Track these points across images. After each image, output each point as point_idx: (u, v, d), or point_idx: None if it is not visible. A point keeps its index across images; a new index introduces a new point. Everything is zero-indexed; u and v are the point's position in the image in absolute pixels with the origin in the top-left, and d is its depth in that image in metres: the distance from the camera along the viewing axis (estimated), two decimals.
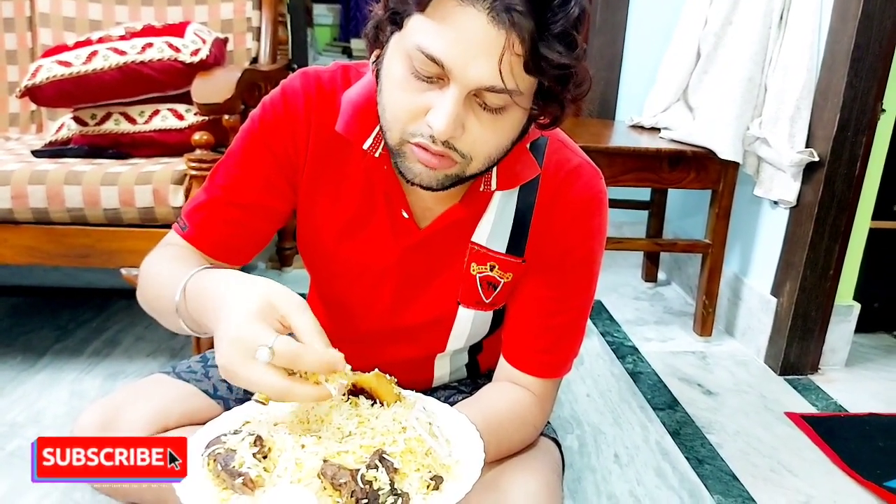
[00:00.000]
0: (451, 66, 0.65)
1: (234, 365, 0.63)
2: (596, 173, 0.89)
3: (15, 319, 1.76)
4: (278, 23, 1.97)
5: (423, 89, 0.68)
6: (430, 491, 0.64)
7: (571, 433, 1.42)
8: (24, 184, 1.34)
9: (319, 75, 0.86)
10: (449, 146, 0.70)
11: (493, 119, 0.70)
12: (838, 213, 1.62)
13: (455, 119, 0.67)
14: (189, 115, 1.55)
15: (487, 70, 0.65)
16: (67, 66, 1.48)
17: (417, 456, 0.66)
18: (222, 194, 0.88)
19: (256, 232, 0.91)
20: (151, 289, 0.85)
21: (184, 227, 0.89)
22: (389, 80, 0.71)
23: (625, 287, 2.29)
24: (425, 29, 0.66)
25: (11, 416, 1.34)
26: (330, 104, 0.84)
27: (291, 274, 2.22)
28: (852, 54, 1.50)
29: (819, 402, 1.61)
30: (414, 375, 1.03)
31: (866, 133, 1.57)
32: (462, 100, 0.67)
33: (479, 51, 0.64)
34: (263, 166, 0.87)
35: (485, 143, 0.72)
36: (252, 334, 0.63)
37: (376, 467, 0.62)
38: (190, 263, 0.82)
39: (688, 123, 1.88)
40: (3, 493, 1.12)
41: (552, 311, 0.90)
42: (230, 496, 0.64)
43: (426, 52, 0.65)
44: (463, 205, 0.85)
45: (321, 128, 0.85)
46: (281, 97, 0.86)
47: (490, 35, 0.63)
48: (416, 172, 0.73)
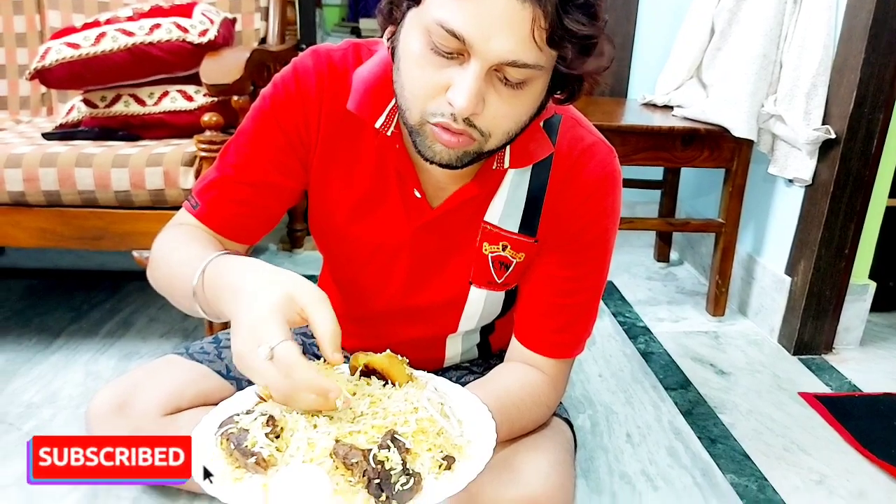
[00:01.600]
0: (472, 40, 0.64)
1: (245, 354, 0.64)
2: (610, 151, 0.88)
3: (29, 301, 1.78)
4: (286, 3, 1.96)
5: (443, 65, 0.67)
6: (442, 471, 0.65)
7: (584, 413, 1.42)
8: (35, 166, 1.34)
9: (331, 53, 0.85)
10: (469, 123, 0.69)
11: (513, 94, 0.69)
12: (854, 192, 1.60)
13: (476, 95, 0.66)
14: (198, 97, 1.54)
15: (510, 44, 0.64)
16: (76, 48, 1.48)
17: (429, 436, 0.66)
18: (233, 173, 0.87)
19: (267, 211, 0.91)
20: (165, 270, 0.85)
21: (195, 205, 0.89)
22: (407, 56, 0.70)
23: (637, 267, 2.28)
24: (444, 3, 0.64)
25: (28, 396, 1.36)
26: (342, 82, 0.84)
27: (302, 256, 2.22)
28: (870, 29, 1.47)
29: (833, 381, 1.60)
30: (425, 355, 1.03)
31: (883, 110, 1.54)
32: (483, 75, 0.66)
33: (502, 25, 0.63)
34: (274, 145, 0.86)
35: (504, 118, 0.71)
36: (265, 327, 0.63)
37: (388, 447, 0.62)
38: (205, 246, 0.82)
39: (701, 101, 1.86)
40: (21, 472, 1.14)
41: (565, 290, 0.90)
42: (243, 475, 0.64)
43: (446, 26, 0.64)
44: (476, 183, 0.85)
45: (333, 106, 0.85)
46: (293, 75, 0.85)
47: (513, 8, 0.62)
48: (437, 151, 0.72)
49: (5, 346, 1.54)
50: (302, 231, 2.23)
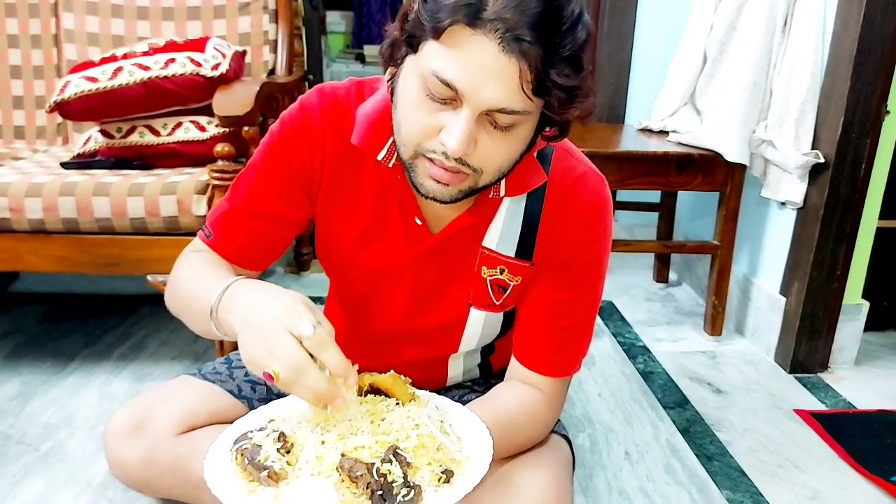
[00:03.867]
0: (463, 90, 0.69)
1: (272, 329, 0.70)
2: (601, 180, 0.93)
3: (44, 326, 1.83)
4: (294, 35, 2.03)
5: (437, 109, 0.73)
6: (441, 484, 0.69)
7: (583, 432, 1.45)
8: (55, 195, 1.40)
9: (335, 91, 0.91)
10: (462, 162, 0.74)
11: (503, 136, 0.74)
12: (843, 215, 1.65)
13: (468, 138, 0.72)
14: (210, 127, 1.60)
15: (498, 94, 0.69)
16: (94, 82, 1.55)
17: (429, 451, 0.70)
18: (243, 204, 0.93)
19: (275, 240, 0.96)
20: (182, 292, 0.90)
21: (208, 234, 0.94)
22: (405, 99, 0.76)
23: (636, 288, 2.32)
24: (440, 55, 0.70)
25: (45, 417, 1.40)
26: (345, 118, 0.89)
27: (309, 278, 2.27)
28: (855, 58, 1.53)
29: (828, 399, 1.64)
30: (428, 375, 1.08)
31: (870, 135, 1.59)
32: (474, 120, 0.71)
33: (490, 76, 0.68)
34: (282, 178, 0.92)
35: (495, 157, 0.76)
36: (300, 310, 0.70)
37: (390, 461, 0.67)
38: (223, 271, 0.88)
39: (695, 127, 1.91)
40: (39, 491, 1.18)
41: (560, 312, 0.94)
42: (257, 488, 0.69)
43: (441, 77, 0.70)
44: (473, 211, 0.90)
45: (337, 140, 0.90)
46: (299, 112, 0.90)
47: (501, 62, 0.68)
48: (429, 188, 0.78)
49: (22, 370, 1.59)
50: (308, 255, 2.29)
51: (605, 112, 2.44)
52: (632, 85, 2.45)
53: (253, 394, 1.07)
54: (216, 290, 0.80)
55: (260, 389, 1.08)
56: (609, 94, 2.40)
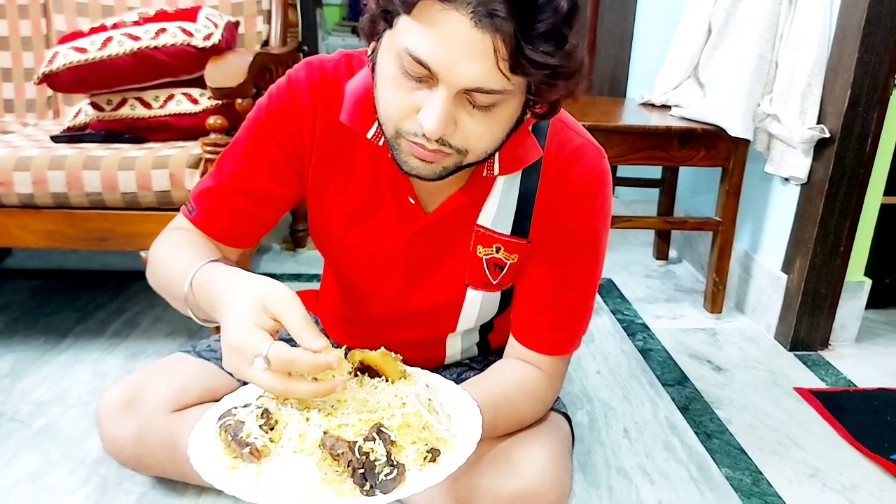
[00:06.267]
0: (437, 68, 0.66)
1: (237, 369, 0.67)
2: (599, 152, 0.90)
3: (36, 302, 1.81)
4: (288, 5, 1.98)
5: (414, 88, 0.70)
6: (427, 463, 0.68)
7: (582, 409, 1.44)
8: (44, 169, 1.36)
9: (324, 65, 0.88)
10: (443, 143, 0.71)
11: (484, 115, 0.71)
12: (849, 190, 1.62)
13: (445, 118, 0.68)
14: (203, 99, 1.57)
15: (473, 72, 0.65)
16: (83, 53, 1.51)
17: (414, 430, 0.69)
18: (228, 182, 0.90)
19: (261, 219, 0.94)
20: (162, 274, 0.88)
21: (191, 210, 0.92)
22: (382, 77, 0.73)
23: (636, 265, 2.30)
24: (412, 31, 0.66)
25: (37, 394, 1.39)
26: (334, 94, 0.86)
27: (305, 255, 2.25)
28: (864, 29, 1.49)
29: (828, 377, 1.63)
30: (426, 354, 1.06)
31: (878, 109, 1.56)
32: (451, 99, 0.68)
33: (464, 53, 0.64)
34: (269, 155, 0.89)
35: (478, 138, 0.73)
36: (248, 342, 0.66)
37: (374, 439, 0.66)
38: (198, 252, 0.85)
39: (698, 101, 1.88)
40: (31, 468, 1.16)
41: (558, 290, 0.92)
42: (239, 464, 0.68)
43: (413, 54, 0.66)
44: (467, 190, 0.87)
45: (327, 117, 0.87)
46: (287, 87, 0.87)
47: (474, 38, 0.64)
48: (412, 165, 0.75)
49: (14, 346, 1.57)
50: (304, 231, 2.26)
51: (606, 85, 2.41)
52: (634, 57, 2.41)
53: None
54: (187, 277, 0.78)
55: None
56: (610, 66, 2.36)
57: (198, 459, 0.69)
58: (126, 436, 1.00)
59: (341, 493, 0.64)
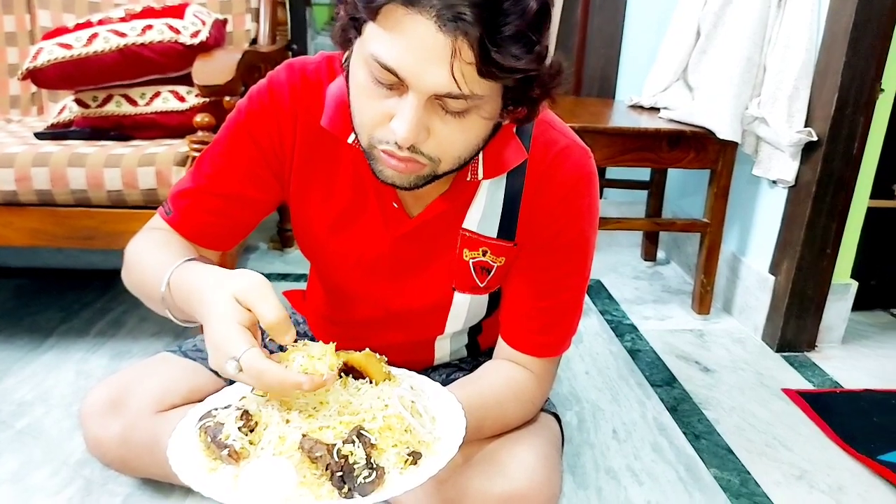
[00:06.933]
0: (404, 74, 0.65)
1: (219, 368, 0.66)
2: (585, 153, 0.89)
3: (20, 301, 1.78)
4: (277, 4, 1.97)
5: (385, 95, 0.68)
6: (408, 466, 0.67)
7: (570, 410, 1.44)
8: (27, 166, 1.35)
9: (305, 67, 0.86)
10: (415, 150, 0.70)
11: (457, 121, 0.69)
12: (836, 193, 1.63)
13: (416, 125, 0.67)
14: (190, 97, 1.55)
15: (441, 77, 0.64)
16: (68, 49, 1.49)
17: (396, 433, 0.68)
18: (206, 183, 0.89)
19: (239, 221, 0.93)
20: (138, 274, 0.88)
21: (168, 211, 0.90)
22: (355, 85, 0.72)
23: (624, 266, 2.30)
24: (378, 37, 0.65)
25: (20, 394, 1.36)
26: (316, 97, 0.85)
27: (293, 254, 2.23)
28: (851, 34, 1.51)
29: (815, 378, 1.64)
30: (415, 356, 1.05)
31: (864, 113, 1.57)
32: (421, 106, 0.66)
33: (430, 58, 0.63)
34: (248, 158, 0.88)
35: (451, 145, 0.72)
36: (225, 343, 0.65)
37: (353, 442, 0.65)
38: (174, 252, 0.83)
39: (687, 103, 1.88)
40: (13, 469, 1.15)
41: (547, 292, 0.91)
42: (218, 465, 0.68)
43: (380, 61, 0.65)
44: (451, 194, 0.86)
45: (308, 121, 0.86)
46: (267, 89, 0.86)
47: (439, 42, 0.62)
48: (387, 175, 0.74)
49: None
50: (291, 231, 2.24)
51: (595, 86, 2.41)
52: (623, 59, 2.42)
53: None
54: (164, 277, 0.77)
55: None
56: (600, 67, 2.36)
57: (176, 460, 0.68)
58: (110, 436, 0.98)
59: (319, 497, 0.64)
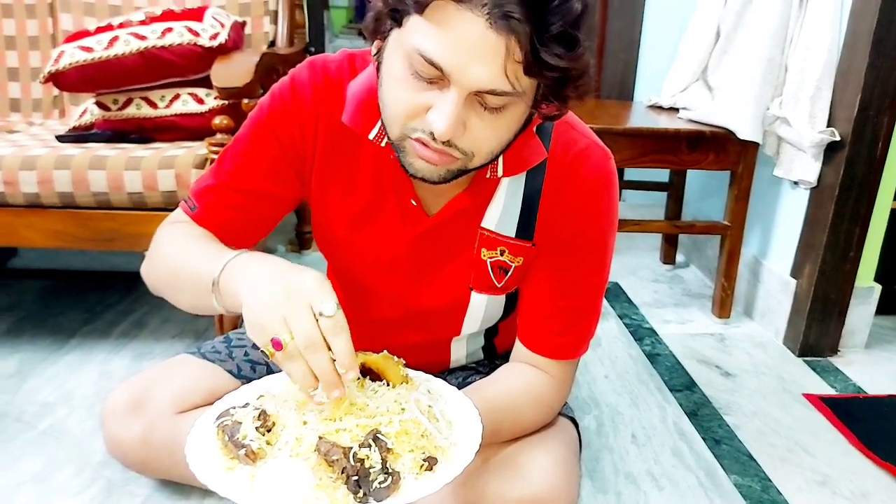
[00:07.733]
0: (450, 70, 0.65)
1: (291, 300, 0.65)
2: (605, 154, 0.88)
3: (44, 302, 1.80)
4: (295, 6, 1.98)
5: (424, 88, 0.69)
6: (423, 471, 0.66)
7: (589, 414, 1.43)
8: (49, 168, 1.36)
9: (327, 65, 0.87)
10: (450, 144, 0.70)
11: (494, 117, 0.70)
12: (859, 195, 1.61)
13: (456, 120, 0.67)
14: (209, 100, 1.56)
15: (487, 74, 0.65)
16: (89, 52, 1.50)
17: (412, 437, 0.68)
18: (229, 180, 0.89)
19: (261, 218, 0.93)
20: (170, 264, 0.86)
21: (192, 207, 0.91)
22: (390, 76, 0.72)
23: (643, 269, 2.28)
24: (424, 31, 0.65)
25: (43, 395, 1.38)
26: (337, 94, 0.85)
27: (310, 257, 2.24)
28: (874, 34, 1.48)
29: (838, 383, 1.61)
30: (431, 357, 1.05)
31: (888, 113, 1.55)
32: (462, 101, 0.67)
33: (478, 55, 0.64)
34: (270, 155, 0.88)
35: (486, 140, 0.72)
36: (325, 290, 0.65)
37: (369, 446, 0.65)
38: (217, 243, 0.84)
39: (707, 103, 1.87)
40: (36, 469, 1.16)
41: (565, 293, 0.91)
42: (235, 465, 0.68)
43: (426, 55, 0.65)
44: (470, 192, 0.86)
45: (329, 118, 0.86)
46: (290, 88, 0.86)
47: (489, 40, 0.63)
48: (418, 168, 0.74)
49: (20, 347, 1.56)
50: (310, 233, 2.25)
51: (614, 89, 2.40)
52: (641, 60, 2.40)
53: (253, 374, 1.04)
54: (219, 260, 0.76)
55: (260, 369, 1.06)
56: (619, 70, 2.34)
57: (194, 459, 0.68)
58: (131, 438, 0.99)
59: (335, 500, 0.63)
